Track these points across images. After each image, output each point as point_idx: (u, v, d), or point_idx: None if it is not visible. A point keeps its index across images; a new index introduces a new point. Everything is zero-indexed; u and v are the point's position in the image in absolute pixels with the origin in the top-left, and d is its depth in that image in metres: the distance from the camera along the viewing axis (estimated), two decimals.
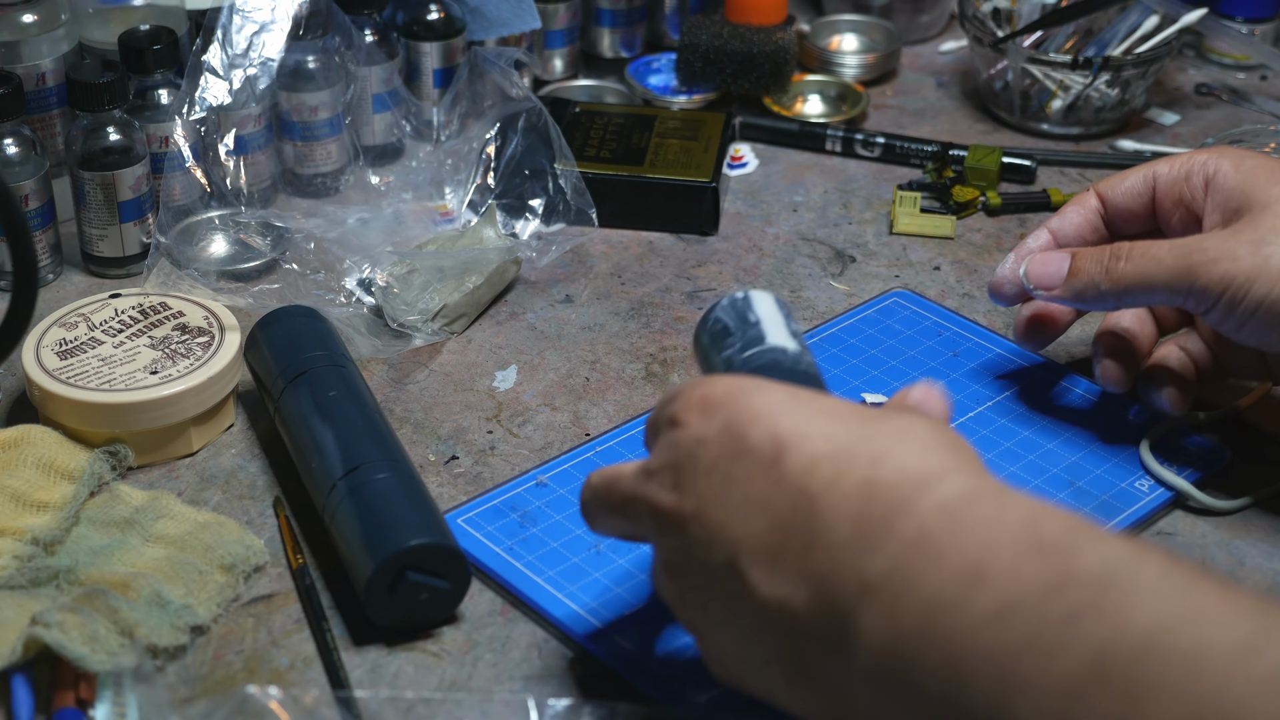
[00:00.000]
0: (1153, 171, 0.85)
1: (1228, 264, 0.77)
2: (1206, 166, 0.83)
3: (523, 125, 1.07)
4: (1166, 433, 0.87)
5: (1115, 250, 0.81)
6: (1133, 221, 0.86)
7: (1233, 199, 0.80)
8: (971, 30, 1.20)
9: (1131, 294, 0.81)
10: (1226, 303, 0.78)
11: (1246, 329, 0.78)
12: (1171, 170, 0.84)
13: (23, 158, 0.97)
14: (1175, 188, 0.84)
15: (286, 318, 0.89)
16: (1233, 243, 0.78)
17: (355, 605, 0.76)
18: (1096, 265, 0.81)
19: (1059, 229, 0.87)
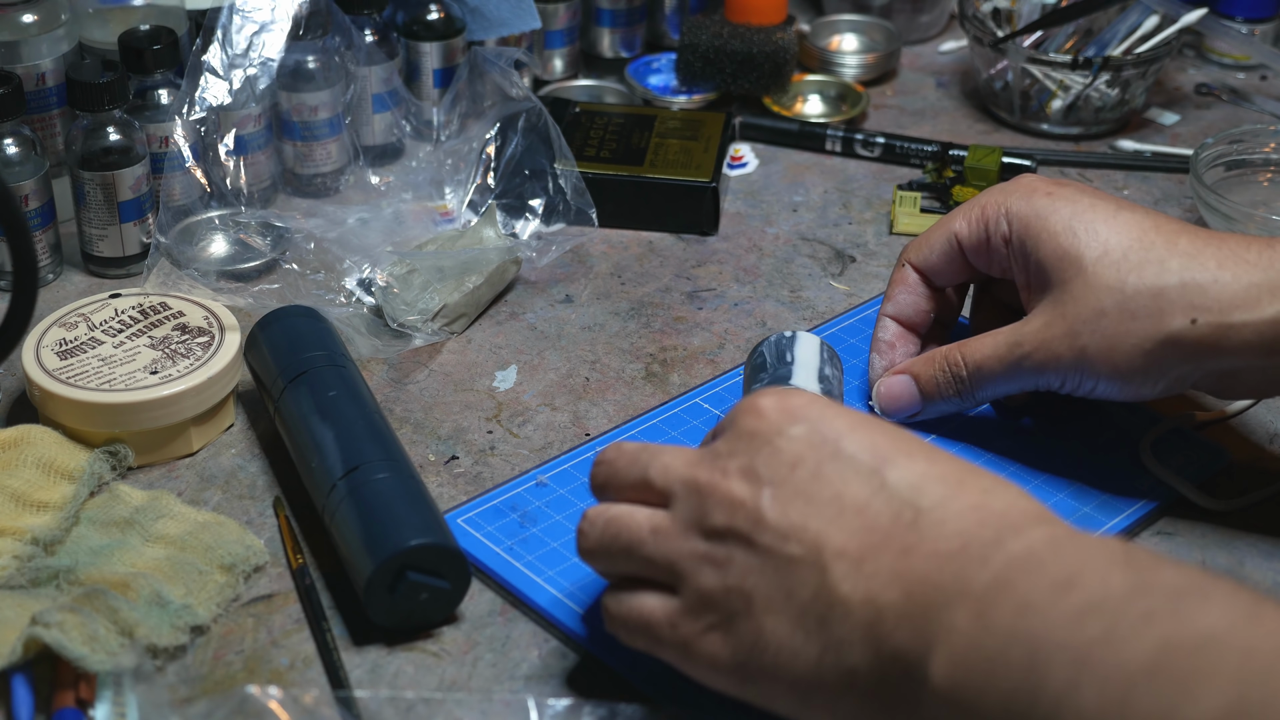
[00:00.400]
0: (952, 233, 0.85)
1: (1053, 363, 0.80)
2: (1000, 226, 0.83)
3: (523, 125, 1.07)
4: (1166, 433, 0.87)
5: (951, 364, 0.83)
6: (953, 275, 0.87)
7: (1032, 269, 0.81)
8: (971, 30, 1.20)
9: (987, 396, 0.84)
10: (1064, 387, 0.81)
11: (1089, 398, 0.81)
12: (970, 233, 0.84)
13: (23, 158, 0.97)
14: (979, 249, 0.84)
15: (286, 318, 0.89)
16: (1047, 336, 0.79)
17: (355, 605, 0.76)
18: (945, 384, 0.84)
19: (898, 313, 0.88)
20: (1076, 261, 0.79)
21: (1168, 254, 0.78)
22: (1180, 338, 0.77)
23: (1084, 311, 0.78)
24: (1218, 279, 0.76)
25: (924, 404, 0.85)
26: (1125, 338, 0.77)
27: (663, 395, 0.92)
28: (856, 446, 0.65)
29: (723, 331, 0.98)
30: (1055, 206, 0.81)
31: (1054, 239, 0.80)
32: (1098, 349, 0.78)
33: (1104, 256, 0.78)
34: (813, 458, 0.65)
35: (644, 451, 0.70)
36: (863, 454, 0.65)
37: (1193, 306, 0.76)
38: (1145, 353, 0.77)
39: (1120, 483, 0.84)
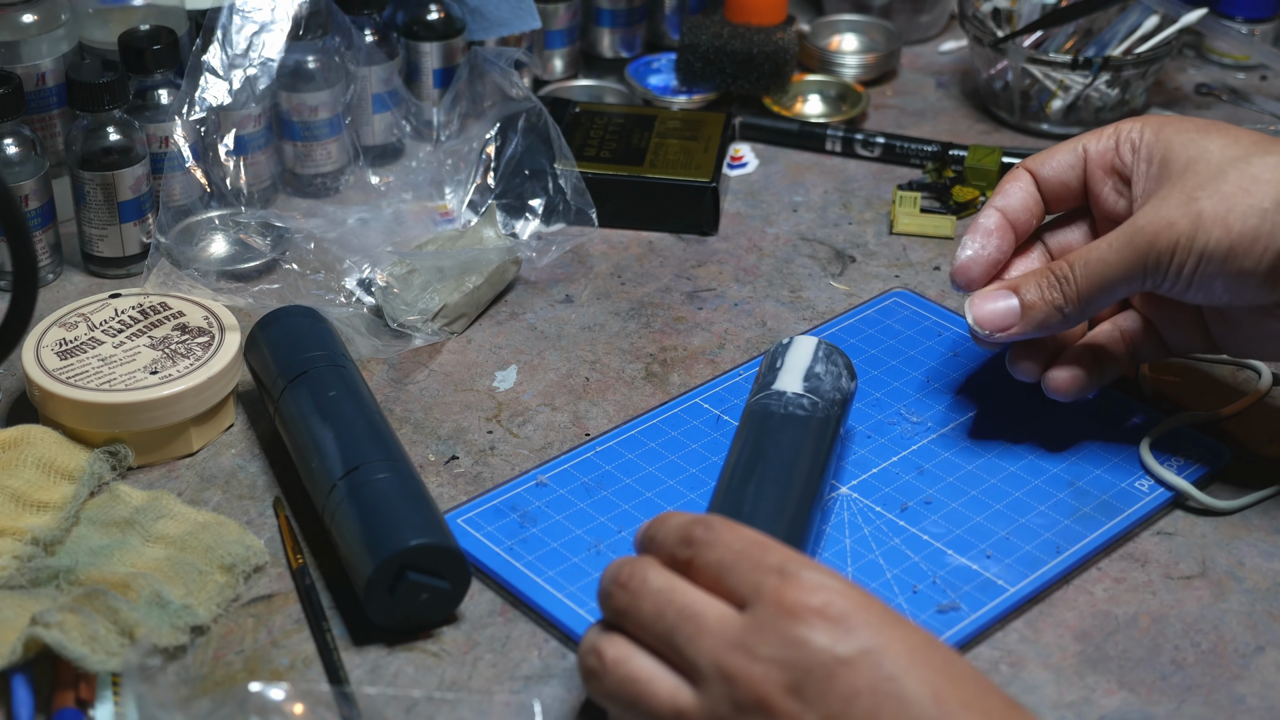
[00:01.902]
0: (1081, 145, 0.85)
1: (1167, 232, 0.77)
2: (1132, 134, 0.83)
3: (523, 125, 1.07)
4: (1166, 433, 0.87)
5: (1058, 272, 0.81)
6: (1064, 195, 0.86)
7: (1155, 164, 0.81)
8: (971, 30, 1.20)
9: (1094, 305, 0.81)
10: (1176, 268, 0.78)
11: (1195, 286, 0.79)
12: (1100, 142, 0.84)
13: (23, 158, 0.97)
14: (1105, 158, 0.84)
15: (286, 318, 0.89)
16: (1164, 209, 0.78)
17: (355, 605, 0.76)
18: (1050, 293, 0.81)
19: (1005, 207, 0.86)
20: (1202, 150, 0.79)
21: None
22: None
23: (1203, 179, 0.78)
24: None
25: (1024, 320, 0.82)
26: (1242, 198, 0.76)
27: (663, 395, 0.92)
28: (918, 690, 0.61)
29: (723, 331, 0.98)
30: (1195, 123, 0.81)
31: (1187, 142, 0.80)
32: (1213, 211, 0.76)
33: (1228, 144, 0.79)
34: (870, 696, 0.61)
35: (671, 603, 0.65)
36: (925, 701, 0.61)
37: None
38: (1260, 212, 0.76)
39: (1120, 483, 0.84)
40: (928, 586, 0.78)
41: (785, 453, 0.77)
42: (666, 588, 0.65)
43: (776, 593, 0.63)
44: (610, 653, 0.66)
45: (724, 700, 0.62)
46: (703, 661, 0.63)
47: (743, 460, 0.78)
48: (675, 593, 0.65)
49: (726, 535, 0.66)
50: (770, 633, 0.62)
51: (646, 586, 0.66)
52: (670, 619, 0.64)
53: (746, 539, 0.66)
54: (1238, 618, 0.77)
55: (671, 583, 0.66)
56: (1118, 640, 0.76)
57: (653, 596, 0.65)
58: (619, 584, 0.66)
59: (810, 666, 0.61)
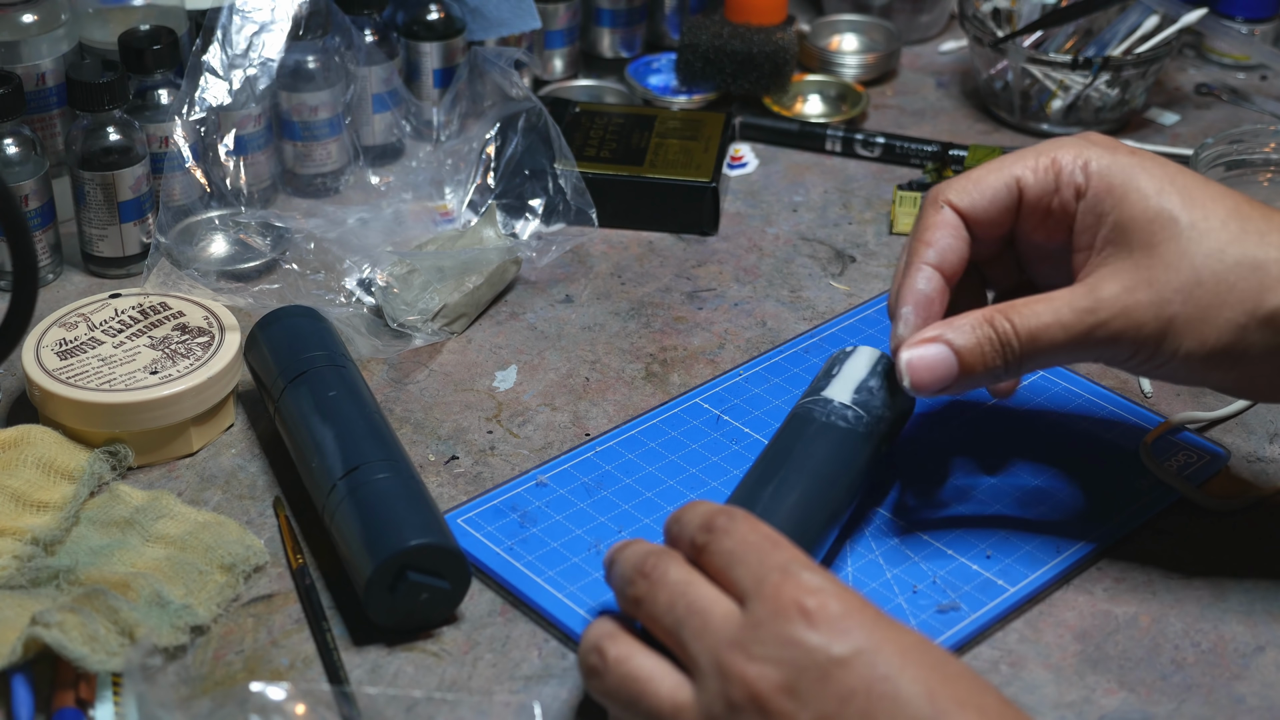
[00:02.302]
0: (1014, 178, 0.77)
1: (1134, 333, 0.73)
2: (1075, 177, 0.76)
3: (523, 125, 1.07)
4: (1166, 433, 0.87)
5: (1002, 332, 0.74)
6: (992, 234, 0.79)
7: (1108, 224, 0.75)
8: (971, 30, 1.20)
9: (1036, 368, 0.76)
10: (1138, 361, 0.74)
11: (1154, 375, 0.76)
12: (1038, 178, 0.76)
13: (23, 158, 0.97)
14: (1043, 200, 0.77)
15: (286, 318, 0.89)
16: (1130, 303, 0.73)
17: (355, 605, 0.76)
18: (990, 354, 0.74)
19: (942, 262, 0.77)
20: (1171, 224, 0.73)
21: (1266, 227, 0.73)
22: (1276, 316, 0.72)
23: (1176, 279, 0.72)
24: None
25: (962, 378, 0.75)
26: (1220, 310, 0.72)
27: (663, 395, 0.92)
28: (913, 689, 0.61)
29: (723, 331, 0.98)
30: (1143, 165, 0.75)
31: (1144, 199, 0.73)
32: (1187, 320, 0.72)
33: (1203, 222, 0.72)
34: (864, 696, 0.61)
35: (684, 596, 0.65)
36: (919, 700, 0.61)
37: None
38: (1238, 328, 0.72)
39: (1120, 483, 0.84)
40: (928, 586, 0.78)
41: (814, 461, 0.77)
42: (683, 581, 0.66)
43: (775, 590, 0.63)
44: (612, 651, 0.66)
45: (719, 698, 0.63)
46: (703, 658, 0.64)
47: (769, 461, 0.77)
48: (689, 586, 0.66)
49: (744, 527, 0.66)
50: (766, 631, 0.63)
51: (666, 578, 0.66)
52: (680, 612, 0.65)
53: (761, 534, 0.66)
54: (1238, 618, 0.77)
55: (689, 577, 0.66)
56: (1118, 640, 0.76)
57: (669, 588, 0.66)
58: (642, 573, 0.67)
59: (805, 666, 0.62)
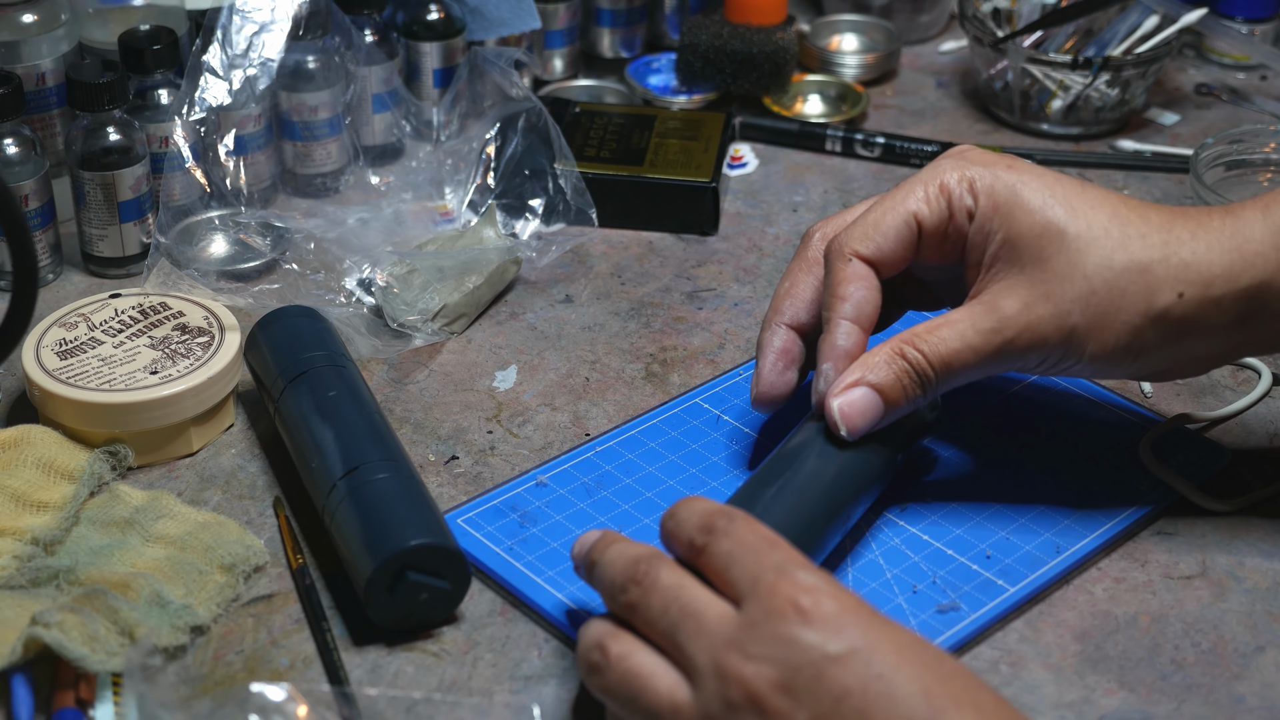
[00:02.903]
0: (910, 214, 0.78)
1: (1039, 346, 0.76)
2: (964, 201, 0.78)
3: (523, 125, 1.07)
4: (1166, 433, 0.87)
5: (914, 361, 0.76)
6: (897, 269, 0.80)
7: (998, 241, 0.77)
8: (971, 30, 1.20)
9: (951, 387, 0.77)
10: (1045, 369, 0.78)
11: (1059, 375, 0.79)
12: (933, 209, 0.78)
13: (23, 158, 0.97)
14: (939, 229, 0.78)
15: (286, 318, 0.89)
16: (1032, 319, 0.75)
17: (355, 605, 0.76)
18: (910, 386, 0.76)
19: (859, 316, 0.78)
20: (1059, 237, 0.76)
21: (1145, 228, 0.77)
22: (1168, 313, 0.76)
23: (1072, 290, 0.75)
24: (1195, 251, 0.76)
25: (890, 413, 0.77)
26: (1115, 315, 0.76)
27: (663, 395, 0.92)
28: (909, 687, 0.61)
29: (723, 331, 0.98)
30: (1024, 180, 0.77)
31: (1030, 214, 0.76)
32: (1087, 328, 0.76)
33: (1087, 232, 0.76)
34: (860, 694, 0.61)
35: (677, 599, 0.65)
36: (915, 698, 0.61)
37: (1178, 280, 0.76)
38: (1134, 329, 0.76)
39: (1120, 483, 0.84)
40: (928, 586, 0.78)
41: (821, 465, 0.76)
42: (675, 584, 0.66)
43: (770, 589, 0.63)
44: (614, 648, 0.66)
45: (717, 697, 0.63)
46: (700, 659, 0.64)
47: (777, 460, 0.77)
48: (682, 589, 0.66)
49: (742, 528, 0.67)
50: (762, 630, 0.63)
51: (658, 583, 0.66)
52: (674, 615, 0.65)
53: (760, 535, 0.66)
54: (1238, 618, 0.77)
55: (681, 580, 0.66)
56: (1118, 640, 0.76)
57: (661, 592, 0.66)
58: (634, 579, 0.67)
59: (800, 664, 0.62)
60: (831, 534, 0.76)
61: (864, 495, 0.78)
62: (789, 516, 0.74)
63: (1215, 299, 0.76)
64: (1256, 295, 0.76)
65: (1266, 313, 0.77)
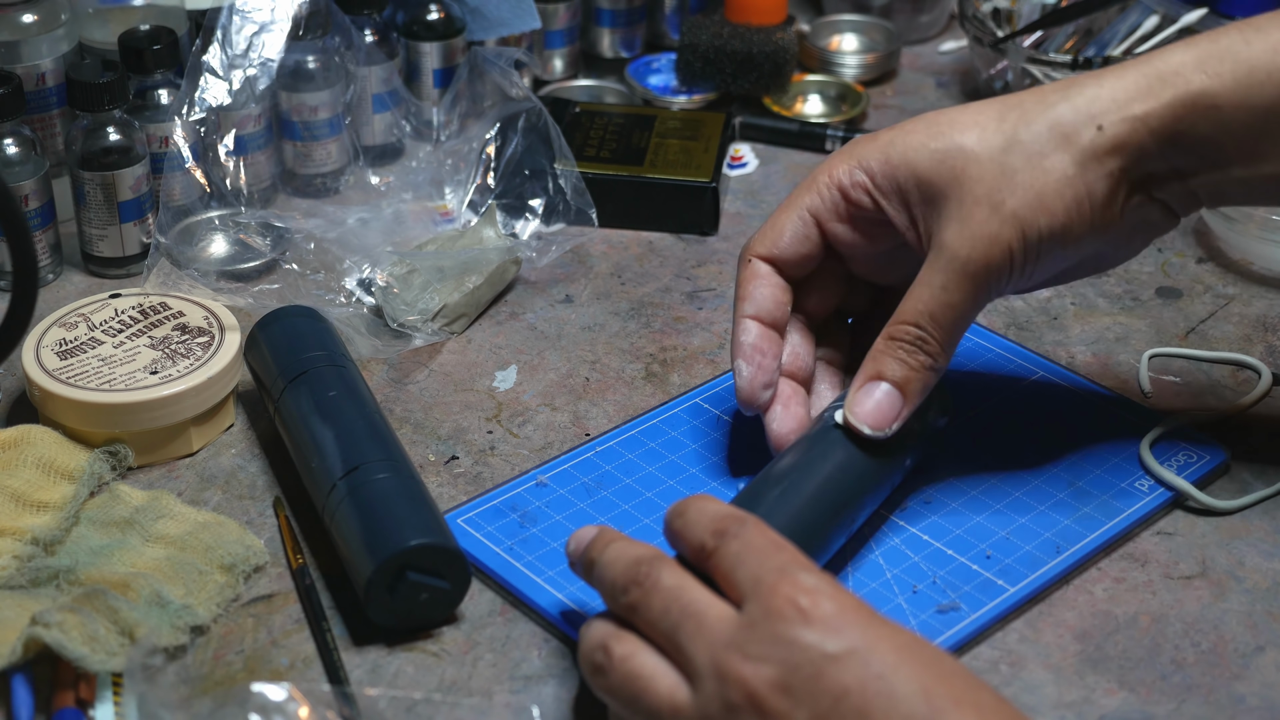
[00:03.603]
0: (805, 210, 0.80)
1: (994, 246, 0.74)
2: (855, 176, 0.79)
3: (523, 125, 1.07)
4: (1166, 433, 0.87)
5: (908, 336, 0.76)
6: (805, 265, 0.82)
7: (913, 191, 0.77)
8: (971, 30, 1.20)
9: (956, 344, 0.78)
10: (1019, 269, 0.75)
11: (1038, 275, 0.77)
12: (825, 200, 0.80)
13: (23, 158, 0.97)
14: (839, 212, 0.80)
15: (286, 318, 0.89)
16: (975, 228, 0.74)
17: (355, 605, 0.76)
18: (915, 359, 0.77)
19: (759, 312, 0.81)
20: (958, 151, 0.75)
21: (1040, 95, 0.76)
22: (1094, 147, 0.74)
23: (993, 181, 0.74)
24: (1102, 86, 0.75)
25: (909, 397, 0.77)
26: (1046, 178, 0.74)
27: (663, 395, 0.92)
28: (908, 687, 0.61)
29: (723, 331, 0.98)
30: (905, 130, 0.77)
31: (926, 150, 0.76)
32: (1026, 204, 0.74)
33: (983, 133, 0.75)
34: (859, 694, 0.61)
35: (677, 600, 0.65)
36: (915, 698, 0.60)
37: (1092, 116, 0.74)
38: (1071, 181, 0.74)
39: (1120, 483, 0.84)
40: (928, 586, 0.78)
41: (827, 468, 0.76)
42: (676, 586, 0.66)
43: (770, 590, 0.63)
44: (617, 649, 0.66)
45: (716, 698, 0.63)
46: (700, 659, 0.64)
47: (784, 460, 0.77)
48: (683, 591, 0.66)
49: (752, 532, 0.67)
50: (760, 631, 0.63)
51: (659, 584, 0.66)
52: (675, 616, 0.65)
53: (767, 538, 0.66)
54: (1238, 618, 0.77)
55: (682, 581, 0.66)
56: (1118, 640, 0.76)
57: (662, 594, 0.66)
58: (635, 581, 0.67)
59: (799, 664, 0.62)
60: (836, 535, 0.76)
61: (870, 497, 0.78)
62: (793, 517, 0.74)
63: (1137, 117, 0.74)
64: (1182, 110, 0.74)
65: (1196, 132, 0.74)
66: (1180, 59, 0.75)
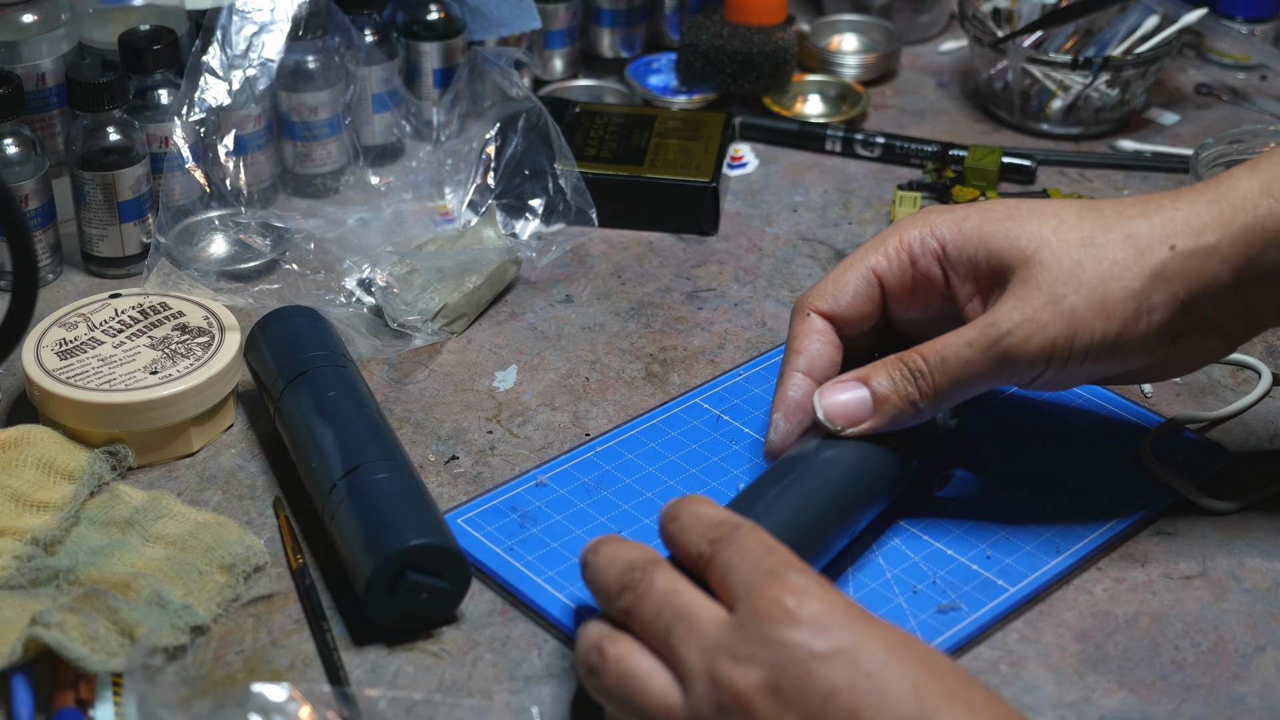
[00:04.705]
0: (870, 270, 0.80)
1: (1040, 335, 0.74)
2: (928, 244, 0.79)
3: (523, 125, 1.07)
4: (1166, 433, 0.87)
5: (912, 365, 0.76)
6: (863, 325, 0.82)
7: (981, 265, 0.77)
8: (971, 30, 1.20)
9: (950, 402, 0.77)
10: (1054, 369, 0.76)
11: (1071, 377, 0.77)
12: (893, 263, 0.80)
13: (23, 158, 0.97)
14: (904, 277, 0.80)
15: (286, 318, 0.89)
16: (1028, 311, 0.75)
17: (355, 605, 0.76)
18: (904, 385, 0.76)
19: (811, 368, 0.80)
20: (1036, 236, 0.76)
21: (1120, 208, 0.76)
22: (1165, 268, 0.74)
23: (1061, 274, 0.74)
24: (1178, 208, 0.76)
25: (878, 415, 0.77)
26: (1112, 284, 0.74)
27: (663, 395, 0.92)
28: (898, 685, 0.61)
29: (723, 331, 0.98)
30: (985, 208, 0.78)
31: (1003, 229, 0.77)
32: (1086, 305, 0.74)
33: (1060, 225, 0.76)
34: (849, 692, 0.61)
35: (669, 603, 0.65)
36: (904, 696, 0.60)
37: (1166, 235, 0.75)
38: (1134, 294, 0.74)
39: (1120, 483, 0.84)
40: (928, 586, 0.78)
41: (830, 469, 0.76)
42: (669, 589, 0.66)
43: (760, 592, 0.63)
44: (611, 650, 0.66)
45: (706, 699, 0.63)
46: (691, 661, 0.64)
47: (786, 462, 0.77)
48: (675, 594, 0.66)
49: (746, 537, 0.66)
50: (749, 632, 0.63)
51: (652, 588, 0.66)
52: (667, 619, 0.65)
53: (761, 543, 0.66)
54: (1238, 618, 0.77)
55: (675, 584, 0.66)
56: (1118, 640, 0.76)
57: (655, 597, 0.66)
58: (628, 586, 0.67)
59: (787, 664, 0.62)
60: (835, 539, 0.76)
61: (872, 502, 0.78)
62: (791, 519, 0.74)
63: (1210, 246, 0.75)
64: (1253, 237, 0.75)
65: (1267, 258, 0.75)
66: (1247, 184, 0.76)
